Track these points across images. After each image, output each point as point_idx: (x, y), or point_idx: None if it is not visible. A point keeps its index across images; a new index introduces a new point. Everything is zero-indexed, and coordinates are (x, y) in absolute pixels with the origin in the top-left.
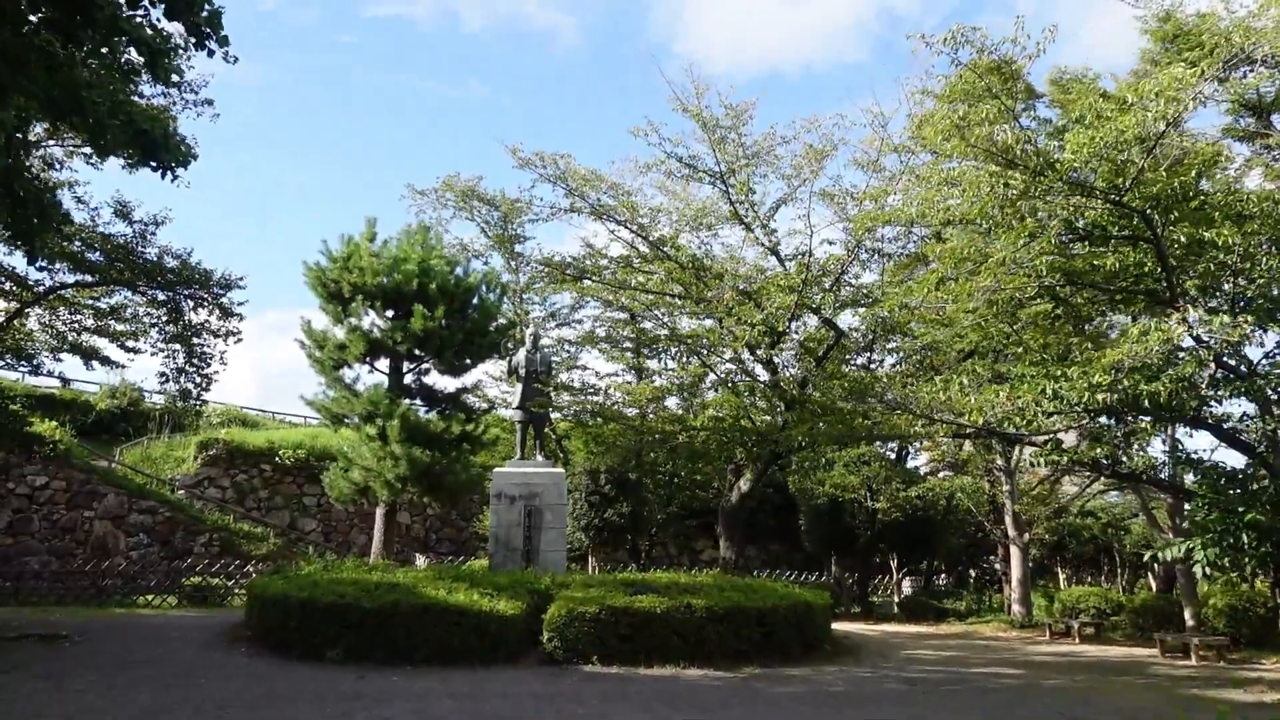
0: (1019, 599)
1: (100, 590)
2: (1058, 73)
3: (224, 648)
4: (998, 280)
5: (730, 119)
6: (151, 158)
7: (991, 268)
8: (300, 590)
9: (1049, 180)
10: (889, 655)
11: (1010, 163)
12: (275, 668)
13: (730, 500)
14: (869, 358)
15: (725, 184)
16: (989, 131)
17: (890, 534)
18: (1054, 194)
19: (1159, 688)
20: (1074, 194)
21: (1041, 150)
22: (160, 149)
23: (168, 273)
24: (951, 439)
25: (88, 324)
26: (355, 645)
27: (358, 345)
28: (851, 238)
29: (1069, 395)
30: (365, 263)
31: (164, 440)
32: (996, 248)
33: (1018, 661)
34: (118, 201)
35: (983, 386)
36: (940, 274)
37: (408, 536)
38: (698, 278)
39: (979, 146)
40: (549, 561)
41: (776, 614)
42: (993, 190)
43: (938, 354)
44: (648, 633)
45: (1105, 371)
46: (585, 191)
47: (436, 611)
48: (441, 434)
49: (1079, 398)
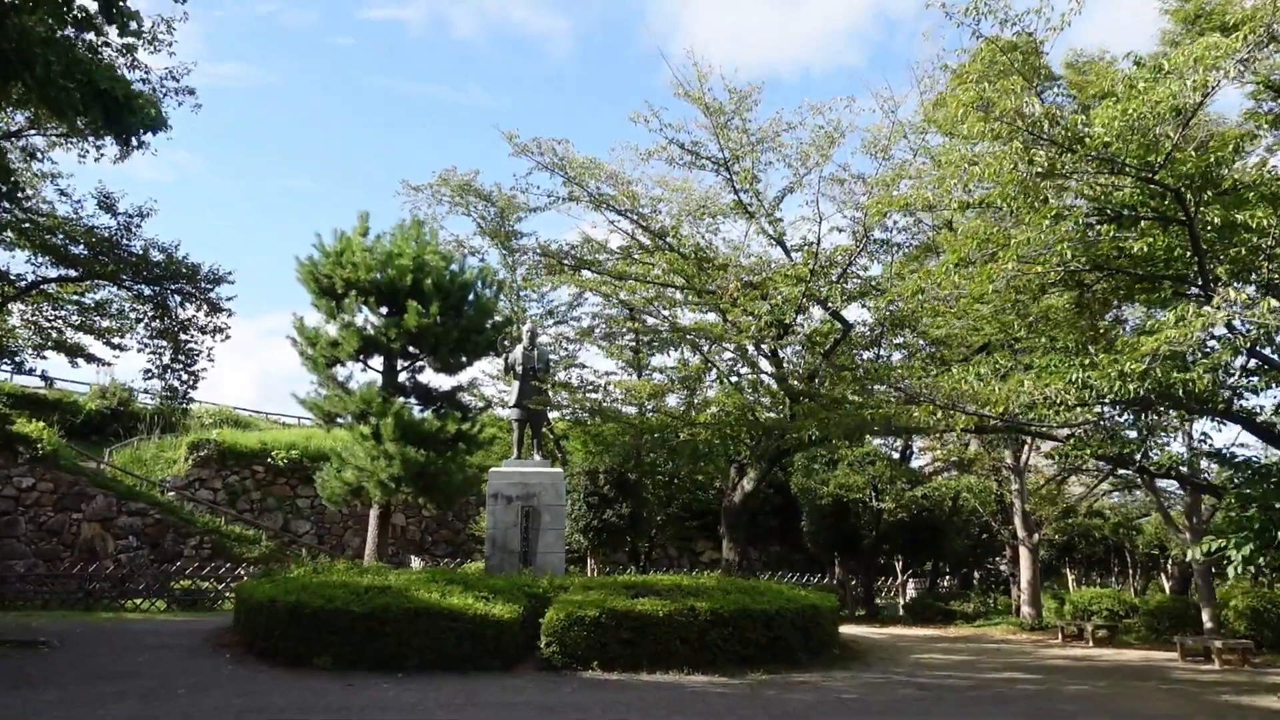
0: (1029, 601)
1: (87, 594)
2: (1074, 55)
3: (209, 655)
4: (1021, 261)
5: (734, 104)
6: (116, 123)
7: (1015, 249)
8: (287, 594)
9: (1079, 156)
10: (899, 660)
11: (1038, 137)
12: (260, 676)
13: (733, 500)
14: (876, 353)
15: (729, 171)
16: (1017, 103)
17: (896, 535)
18: (1081, 173)
19: (1186, 694)
20: (1103, 172)
21: (1071, 123)
22: (124, 111)
23: (153, 266)
24: (969, 433)
25: (72, 320)
26: (345, 652)
27: (351, 342)
28: (861, 226)
29: (1099, 384)
30: (358, 257)
31: (154, 441)
32: (1020, 230)
33: (1033, 666)
34: (101, 193)
35: (1006, 376)
36: (959, 255)
37: (403, 538)
38: (700, 269)
39: (1004, 120)
40: (547, 564)
41: (783, 617)
42: (1015, 169)
43: (949, 348)
44: (650, 637)
45: (1138, 360)
46: (584, 179)
47: (430, 616)
48: (436, 433)
49: (1109, 387)
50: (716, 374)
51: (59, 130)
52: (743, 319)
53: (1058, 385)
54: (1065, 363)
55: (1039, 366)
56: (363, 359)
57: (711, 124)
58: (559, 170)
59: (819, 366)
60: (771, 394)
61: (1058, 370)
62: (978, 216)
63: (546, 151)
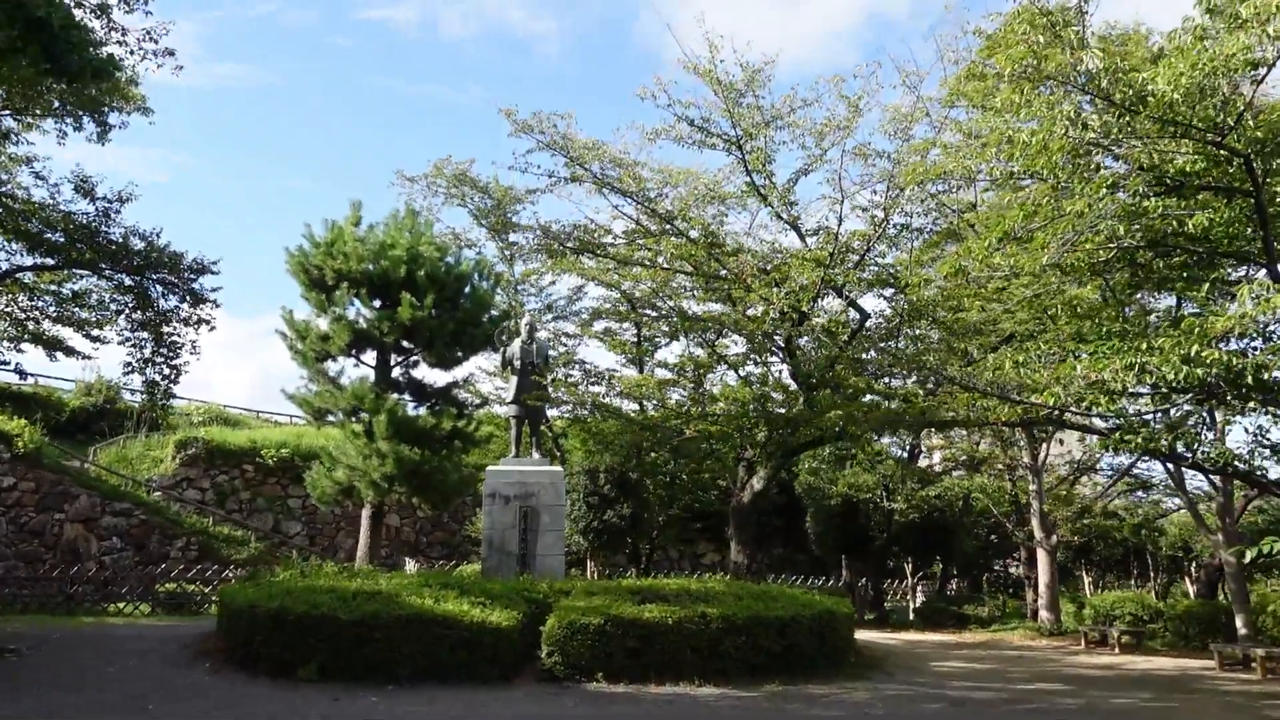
0: (1046, 605)
1: (69, 598)
2: (1106, 28)
3: (187, 664)
4: (1075, 233)
5: (746, 79)
6: (54, 57)
7: (1070, 220)
8: (270, 599)
9: (1141, 118)
10: (920, 669)
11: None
12: (239, 688)
13: (742, 500)
14: (894, 344)
15: (741, 151)
16: (1076, 55)
17: (907, 536)
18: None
19: (1243, 708)
20: (1165, 135)
21: (1133, 79)
22: (58, 43)
23: (134, 255)
24: (1009, 426)
25: (50, 311)
26: (331, 661)
27: (342, 336)
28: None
29: (1164, 370)
30: (350, 248)
31: (141, 439)
32: (1071, 201)
33: (1064, 676)
34: (79, 176)
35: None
36: (1005, 229)
37: (397, 540)
38: (710, 254)
39: (1058, 78)
40: (546, 566)
41: (799, 624)
42: (1066, 135)
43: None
44: (658, 646)
45: (1206, 344)
46: (587, 160)
47: (422, 623)
48: (431, 430)
49: (1173, 373)
50: (726, 366)
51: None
52: (760, 303)
53: (1118, 368)
54: (1122, 346)
55: (1092, 350)
56: (354, 354)
57: (723, 98)
58: (561, 150)
59: (835, 355)
60: (783, 389)
61: (1115, 353)
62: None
63: (548, 129)
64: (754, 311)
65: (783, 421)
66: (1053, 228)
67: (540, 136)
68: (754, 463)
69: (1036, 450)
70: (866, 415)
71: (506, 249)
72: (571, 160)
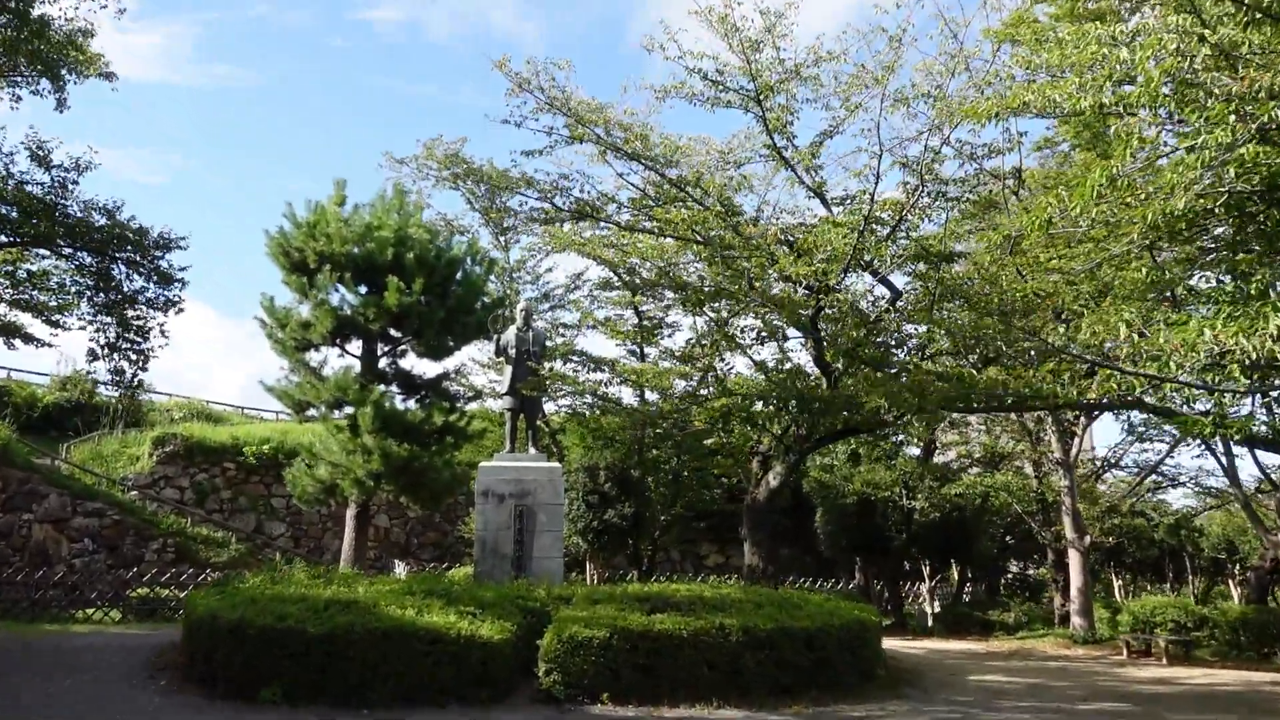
0: (1079, 610)
1: (35, 603)
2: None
3: (142, 680)
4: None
5: (766, 28)
6: None
7: (1201, 156)
8: (231, 610)
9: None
10: (957, 684)
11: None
12: (189, 712)
13: (757, 497)
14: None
15: (761, 107)
16: None
17: (927, 537)
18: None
19: None
20: None
21: None
22: None
23: (95, 231)
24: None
25: (4, 294)
26: (298, 681)
27: (324, 323)
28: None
29: None
30: (334, 229)
31: (117, 436)
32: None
33: (1122, 693)
34: (34, 142)
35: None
36: (1111, 171)
37: (387, 541)
38: (725, 221)
39: None
40: (544, 570)
41: (828, 636)
42: (1178, 55)
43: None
44: (672, 662)
45: None
46: (590, 119)
47: (402, 638)
48: (420, 425)
49: None
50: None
51: None
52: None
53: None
54: (1261, 306)
55: (1220, 313)
56: (338, 342)
57: (740, 47)
58: (561, 110)
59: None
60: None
61: (1261, 315)
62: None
63: (545, 83)
64: (775, 291)
65: (811, 403)
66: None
67: (539, 94)
68: (770, 457)
69: (1068, 444)
70: (923, 393)
71: (501, 234)
72: (573, 118)
